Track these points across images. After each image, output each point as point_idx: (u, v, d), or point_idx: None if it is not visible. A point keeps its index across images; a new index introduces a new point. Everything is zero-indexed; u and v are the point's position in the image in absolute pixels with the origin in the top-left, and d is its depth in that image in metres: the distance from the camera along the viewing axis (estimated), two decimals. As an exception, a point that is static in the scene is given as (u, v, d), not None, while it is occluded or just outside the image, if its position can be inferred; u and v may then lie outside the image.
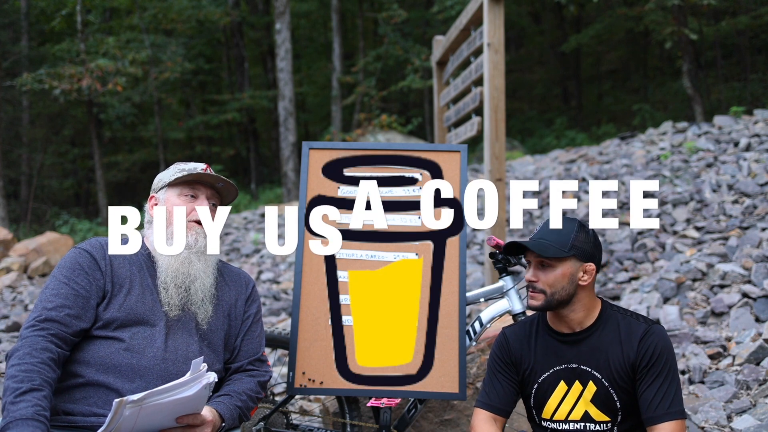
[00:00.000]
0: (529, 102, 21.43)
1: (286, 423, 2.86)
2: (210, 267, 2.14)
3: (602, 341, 2.04)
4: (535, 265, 2.06)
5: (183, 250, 2.08)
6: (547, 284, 2.03)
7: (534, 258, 2.06)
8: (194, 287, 2.08)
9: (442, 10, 15.58)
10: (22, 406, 1.71)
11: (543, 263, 2.04)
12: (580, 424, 2.03)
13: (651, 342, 1.99)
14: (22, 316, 6.38)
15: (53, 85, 13.72)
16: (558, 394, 2.06)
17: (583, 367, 2.04)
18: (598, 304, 2.10)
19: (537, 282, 2.04)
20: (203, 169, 2.18)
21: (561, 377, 2.06)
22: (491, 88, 5.01)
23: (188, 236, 2.10)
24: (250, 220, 10.68)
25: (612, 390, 2.00)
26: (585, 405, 2.03)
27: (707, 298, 4.44)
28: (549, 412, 2.08)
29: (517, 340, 2.17)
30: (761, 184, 5.91)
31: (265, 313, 5.88)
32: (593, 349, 2.03)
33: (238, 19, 19.23)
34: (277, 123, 16.33)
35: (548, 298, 2.03)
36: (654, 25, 13.50)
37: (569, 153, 10.06)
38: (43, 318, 1.90)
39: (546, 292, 2.03)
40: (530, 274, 2.06)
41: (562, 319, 2.08)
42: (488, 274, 5.02)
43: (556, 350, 2.09)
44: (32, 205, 17.02)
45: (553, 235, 2.06)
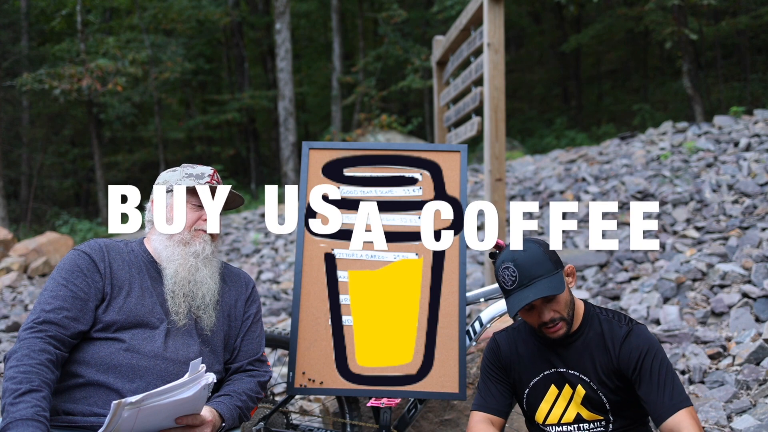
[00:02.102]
0: (529, 102, 21.43)
1: (286, 423, 2.86)
2: (215, 272, 2.15)
3: (587, 345, 2.03)
4: (542, 304, 1.97)
5: (190, 257, 2.09)
6: (562, 310, 1.98)
7: (538, 301, 1.96)
8: (201, 293, 2.09)
9: (442, 10, 15.58)
10: (21, 406, 1.71)
11: (547, 299, 1.96)
12: (573, 426, 2.04)
13: (633, 345, 1.97)
14: (22, 316, 6.38)
15: (53, 85, 13.72)
16: (549, 398, 2.07)
17: (571, 371, 2.04)
18: (582, 306, 2.09)
19: (555, 316, 1.97)
20: (210, 175, 2.18)
21: (551, 381, 2.07)
22: (491, 88, 5.01)
23: (196, 244, 2.11)
24: (250, 220, 10.68)
25: (600, 393, 2.00)
26: (576, 407, 2.03)
27: (707, 298, 4.44)
28: (542, 416, 2.08)
29: (507, 346, 2.17)
30: (761, 184, 5.91)
31: (265, 313, 5.88)
32: (579, 353, 2.03)
33: (238, 19, 19.23)
34: (277, 123, 16.34)
35: (568, 321, 2.00)
36: (654, 25, 13.51)
37: (569, 153, 10.06)
38: (41, 320, 1.90)
39: (564, 317, 1.99)
40: (546, 316, 1.96)
41: None
42: (488, 274, 5.02)
43: (543, 354, 2.09)
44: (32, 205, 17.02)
45: (536, 267, 1.94)
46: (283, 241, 8.72)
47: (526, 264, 1.95)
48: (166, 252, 2.10)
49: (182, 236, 2.11)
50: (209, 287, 2.10)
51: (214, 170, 2.22)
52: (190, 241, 2.11)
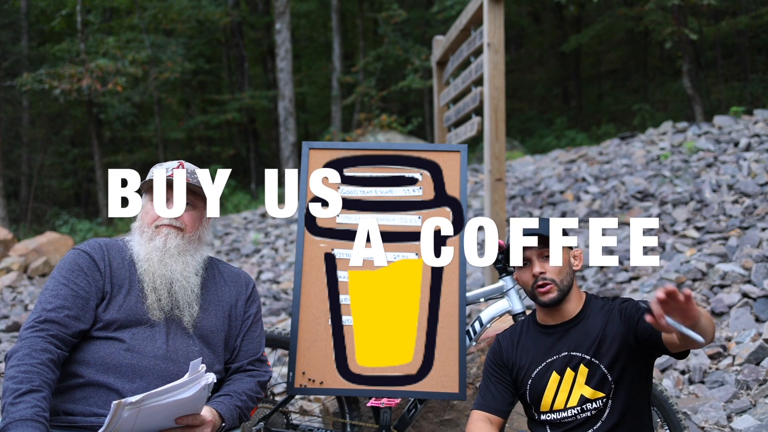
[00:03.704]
0: (529, 102, 21.43)
1: (286, 423, 2.86)
2: (189, 267, 2.11)
3: (591, 325, 2.09)
4: (538, 257, 2.10)
5: (155, 252, 2.08)
6: (555, 273, 2.08)
7: (535, 251, 2.10)
8: (173, 289, 2.06)
9: (442, 10, 15.57)
10: (21, 407, 1.71)
11: (545, 254, 2.09)
12: (577, 408, 2.06)
13: (633, 302, 2.07)
14: (22, 316, 6.38)
15: (53, 85, 13.71)
16: (552, 385, 2.09)
17: (573, 353, 2.08)
18: (583, 293, 2.18)
19: (545, 273, 2.08)
20: (174, 167, 2.16)
21: (552, 368, 2.10)
22: (491, 88, 5.01)
23: (157, 239, 2.09)
24: (250, 220, 10.68)
25: (603, 366, 2.04)
26: (580, 389, 2.06)
27: (707, 298, 4.44)
28: (547, 405, 2.10)
29: (508, 343, 2.23)
30: (761, 184, 5.91)
31: (265, 313, 5.88)
32: (583, 335, 2.08)
33: (238, 19, 19.22)
34: (277, 123, 16.34)
35: (560, 288, 2.08)
36: (654, 25, 13.50)
37: (569, 153, 10.05)
38: (42, 319, 1.90)
39: (556, 281, 2.08)
40: (537, 268, 2.08)
41: (557, 312, 2.13)
42: (488, 274, 5.02)
43: (545, 344, 2.14)
44: (32, 205, 17.02)
45: (538, 224, 2.12)
46: (283, 241, 8.72)
47: (539, 223, 2.14)
48: (137, 249, 2.11)
49: (148, 232, 2.11)
50: (181, 284, 2.07)
51: (181, 162, 2.19)
52: (153, 236, 2.10)
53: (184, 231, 2.14)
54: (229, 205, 14.85)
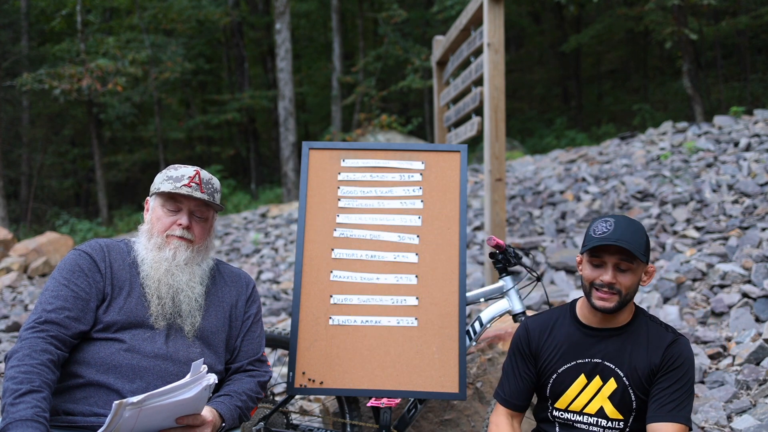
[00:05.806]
0: (529, 102, 21.43)
1: (286, 423, 2.86)
2: (196, 277, 2.12)
3: (630, 342, 2.04)
4: (614, 267, 1.99)
5: (163, 262, 2.07)
6: (625, 287, 2.00)
7: (613, 260, 1.98)
8: (178, 299, 2.06)
9: (442, 10, 15.57)
10: (21, 407, 1.71)
11: (621, 266, 1.99)
12: (593, 418, 2.04)
13: (677, 351, 1.99)
14: (22, 316, 6.38)
15: (53, 85, 13.71)
16: (577, 386, 2.06)
17: (607, 363, 2.04)
18: (634, 306, 2.11)
19: (616, 284, 1.99)
20: (191, 177, 2.12)
21: (582, 370, 2.06)
22: (491, 88, 5.01)
23: (166, 251, 2.08)
24: (250, 220, 10.68)
25: (631, 390, 2.01)
26: (602, 400, 2.03)
27: (707, 298, 4.44)
28: (565, 403, 2.08)
29: (538, 331, 2.16)
30: (761, 184, 5.91)
31: (265, 313, 5.88)
32: (619, 348, 2.04)
33: (238, 19, 19.22)
34: (277, 123, 16.34)
35: (621, 300, 2.01)
36: (654, 25, 13.50)
37: (569, 153, 10.05)
38: (42, 320, 1.90)
39: (622, 293, 2.00)
40: (609, 276, 1.98)
41: (604, 317, 2.06)
42: (488, 274, 5.02)
43: (580, 342, 2.08)
44: (32, 205, 17.02)
45: (633, 236, 1.98)
46: (283, 241, 8.72)
47: (626, 230, 1.98)
48: (143, 253, 2.10)
49: (157, 240, 2.10)
50: (187, 294, 2.07)
51: (197, 171, 2.14)
52: (162, 246, 2.09)
53: (194, 242, 2.13)
54: (229, 205, 14.85)
